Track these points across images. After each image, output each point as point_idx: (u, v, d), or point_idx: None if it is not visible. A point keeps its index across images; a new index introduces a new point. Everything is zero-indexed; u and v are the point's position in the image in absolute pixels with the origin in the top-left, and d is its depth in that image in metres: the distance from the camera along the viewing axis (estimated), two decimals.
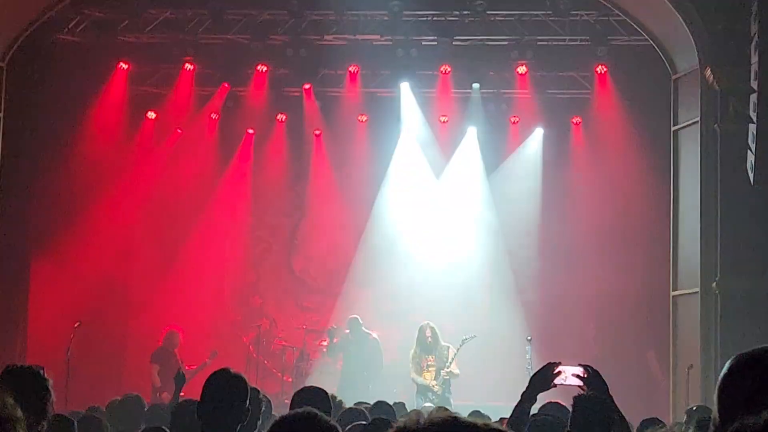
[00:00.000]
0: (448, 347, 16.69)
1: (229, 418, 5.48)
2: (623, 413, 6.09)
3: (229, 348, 19.08)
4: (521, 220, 20.88)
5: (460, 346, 16.65)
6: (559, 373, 6.14)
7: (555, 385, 6.22)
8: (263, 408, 7.71)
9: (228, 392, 5.53)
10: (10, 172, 17.90)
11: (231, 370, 5.71)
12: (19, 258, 19.22)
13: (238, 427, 5.54)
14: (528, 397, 6.15)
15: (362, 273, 21.24)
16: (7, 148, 17.49)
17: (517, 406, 6.18)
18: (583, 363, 6.18)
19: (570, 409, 6.69)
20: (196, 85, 20.69)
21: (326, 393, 6.67)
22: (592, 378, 6.09)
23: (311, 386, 7.21)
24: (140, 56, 20.10)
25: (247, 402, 5.56)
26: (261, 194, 21.83)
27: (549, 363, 6.19)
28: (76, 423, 7.05)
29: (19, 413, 1.85)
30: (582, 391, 6.21)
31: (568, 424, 6.44)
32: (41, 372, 5.28)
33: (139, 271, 20.64)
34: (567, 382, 6.13)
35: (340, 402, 9.38)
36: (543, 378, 6.14)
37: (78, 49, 19.61)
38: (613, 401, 6.13)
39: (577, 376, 6.13)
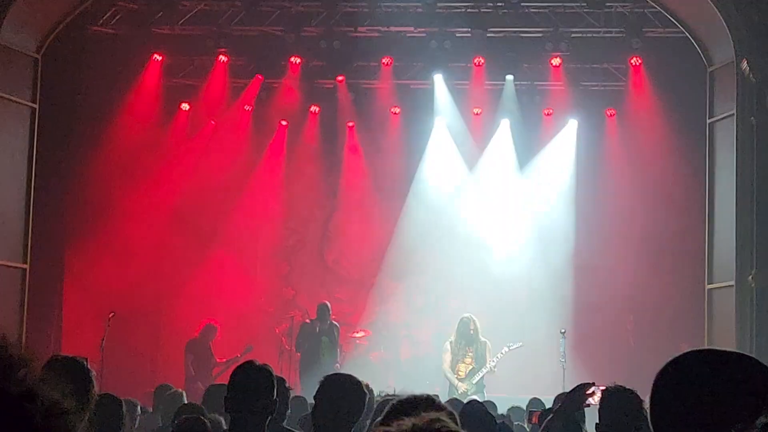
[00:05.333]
0: (486, 342, 16.46)
1: (257, 411, 5.49)
2: None
3: (262, 339, 19.11)
4: (555, 212, 20.79)
5: (504, 353, 16.43)
6: (593, 393, 6.05)
7: (588, 405, 6.13)
8: (290, 396, 7.71)
9: (255, 385, 5.53)
10: (45, 163, 17.97)
11: (257, 362, 5.72)
12: (54, 248, 19.30)
13: (268, 419, 5.56)
14: (559, 416, 6.07)
15: (395, 265, 21.21)
16: (42, 139, 17.57)
17: (547, 422, 6.11)
18: (618, 379, 6.11)
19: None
20: (229, 77, 20.74)
21: (357, 380, 6.44)
22: (626, 396, 5.98)
23: (342, 373, 7.10)
24: (174, 48, 20.18)
25: (274, 393, 5.57)
26: (294, 186, 21.83)
27: (582, 383, 6.12)
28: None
29: (73, 404, 1.84)
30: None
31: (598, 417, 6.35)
32: (85, 363, 5.25)
33: (173, 262, 20.70)
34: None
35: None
36: (575, 397, 6.06)
37: (112, 40, 19.71)
38: (646, 419, 6.04)
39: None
